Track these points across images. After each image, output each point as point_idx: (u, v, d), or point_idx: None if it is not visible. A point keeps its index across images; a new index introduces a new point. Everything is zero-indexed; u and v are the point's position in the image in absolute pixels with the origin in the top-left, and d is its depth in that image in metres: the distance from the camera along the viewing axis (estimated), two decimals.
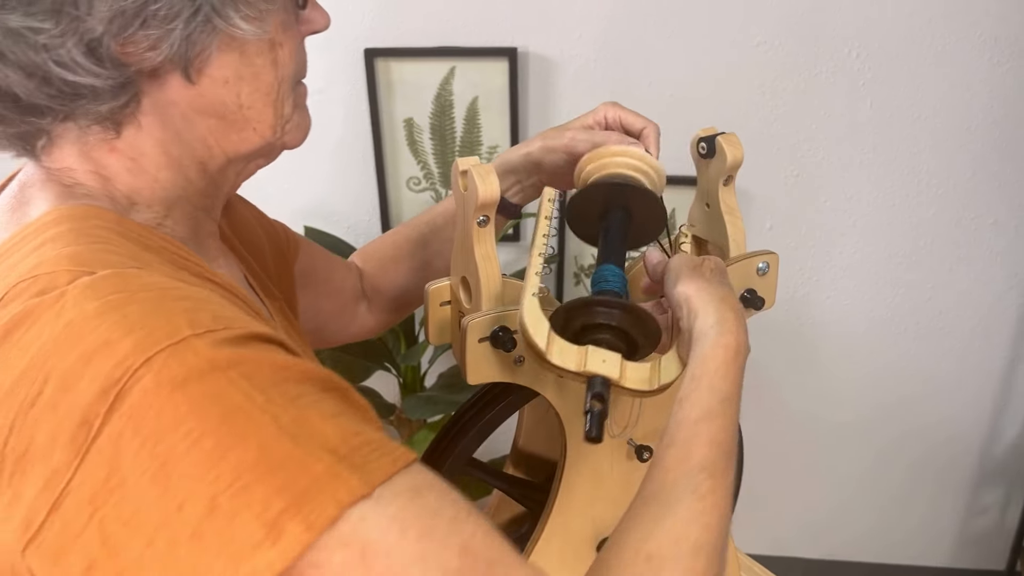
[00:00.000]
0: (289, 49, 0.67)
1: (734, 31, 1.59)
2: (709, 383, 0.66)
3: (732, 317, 0.69)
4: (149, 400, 0.47)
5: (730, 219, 0.91)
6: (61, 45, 0.56)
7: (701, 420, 0.64)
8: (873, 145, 1.67)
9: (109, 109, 0.60)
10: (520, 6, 1.60)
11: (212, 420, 0.47)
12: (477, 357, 0.80)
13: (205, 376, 0.48)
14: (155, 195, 0.65)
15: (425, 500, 0.50)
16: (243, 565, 0.45)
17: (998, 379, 1.89)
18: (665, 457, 0.63)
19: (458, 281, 0.85)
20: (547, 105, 1.69)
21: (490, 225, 0.79)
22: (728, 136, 0.89)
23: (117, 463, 0.47)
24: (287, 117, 0.69)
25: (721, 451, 0.62)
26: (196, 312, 0.51)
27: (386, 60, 1.67)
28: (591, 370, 0.70)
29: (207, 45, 0.61)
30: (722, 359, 0.67)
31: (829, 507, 2.10)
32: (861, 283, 1.81)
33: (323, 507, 0.46)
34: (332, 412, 0.51)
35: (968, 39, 1.56)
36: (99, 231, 0.58)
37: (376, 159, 1.76)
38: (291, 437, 0.48)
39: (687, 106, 1.65)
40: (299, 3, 0.68)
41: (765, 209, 1.75)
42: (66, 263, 0.53)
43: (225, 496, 0.46)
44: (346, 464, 0.48)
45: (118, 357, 0.48)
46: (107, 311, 0.50)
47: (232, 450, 0.47)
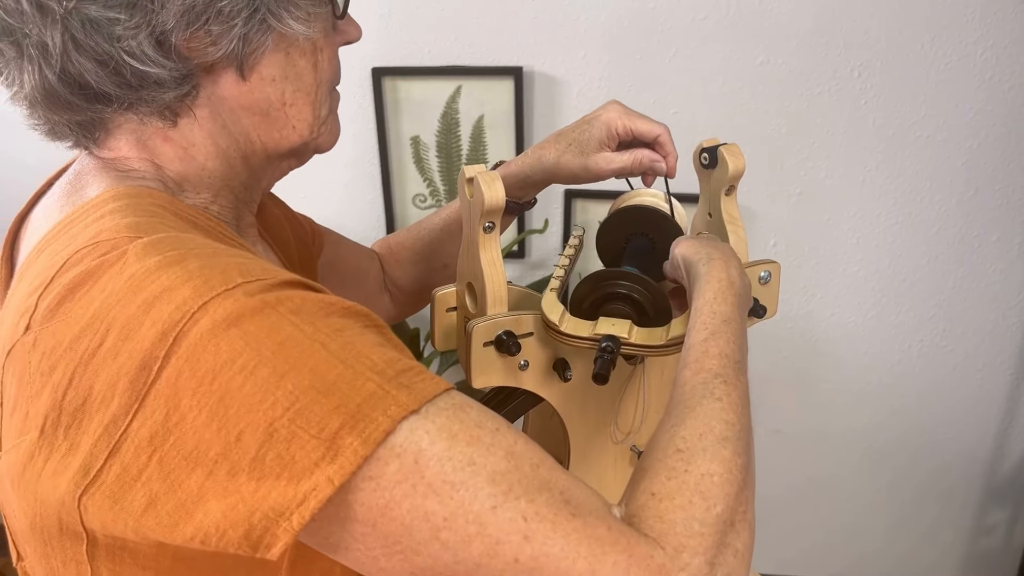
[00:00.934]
0: (328, 55, 0.72)
1: (737, 50, 1.61)
2: (709, 309, 0.71)
3: (718, 256, 0.76)
4: (206, 340, 0.50)
5: (732, 228, 0.92)
6: (134, 36, 0.60)
7: (708, 339, 0.68)
8: (876, 163, 1.68)
9: (173, 97, 0.64)
10: (526, 26, 1.63)
11: (266, 351, 0.50)
12: (482, 361, 0.81)
13: (257, 313, 0.51)
14: (203, 182, 0.69)
15: (468, 414, 0.53)
16: (304, 483, 0.49)
17: (1003, 396, 1.88)
18: (681, 375, 0.67)
19: (464, 287, 0.86)
20: (552, 123, 1.70)
21: (496, 231, 0.80)
22: (730, 146, 0.90)
23: (176, 402, 0.50)
24: (323, 119, 0.73)
25: (730, 361, 0.67)
26: (246, 264, 0.55)
27: (393, 79, 1.69)
28: (600, 332, 0.78)
29: (261, 43, 0.65)
30: (716, 289, 0.73)
31: (834, 526, 2.09)
32: (864, 300, 1.82)
33: (377, 422, 0.50)
34: (376, 342, 0.54)
35: (970, 57, 1.58)
36: (154, 207, 0.62)
37: (383, 176, 1.77)
38: (341, 361, 0.51)
39: (690, 125, 1.66)
40: (337, 14, 0.73)
41: (769, 226, 1.76)
42: (125, 230, 0.57)
43: (283, 421, 0.49)
44: (394, 384, 0.51)
45: (177, 302, 0.51)
46: (167, 265, 0.53)
47: (286, 376, 0.50)
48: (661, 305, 0.81)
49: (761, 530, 2.05)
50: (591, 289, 0.82)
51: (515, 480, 0.52)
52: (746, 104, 1.65)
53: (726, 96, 1.65)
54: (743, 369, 0.68)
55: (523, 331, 0.81)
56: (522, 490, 0.51)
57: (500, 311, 0.81)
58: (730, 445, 0.59)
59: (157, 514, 0.51)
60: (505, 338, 0.80)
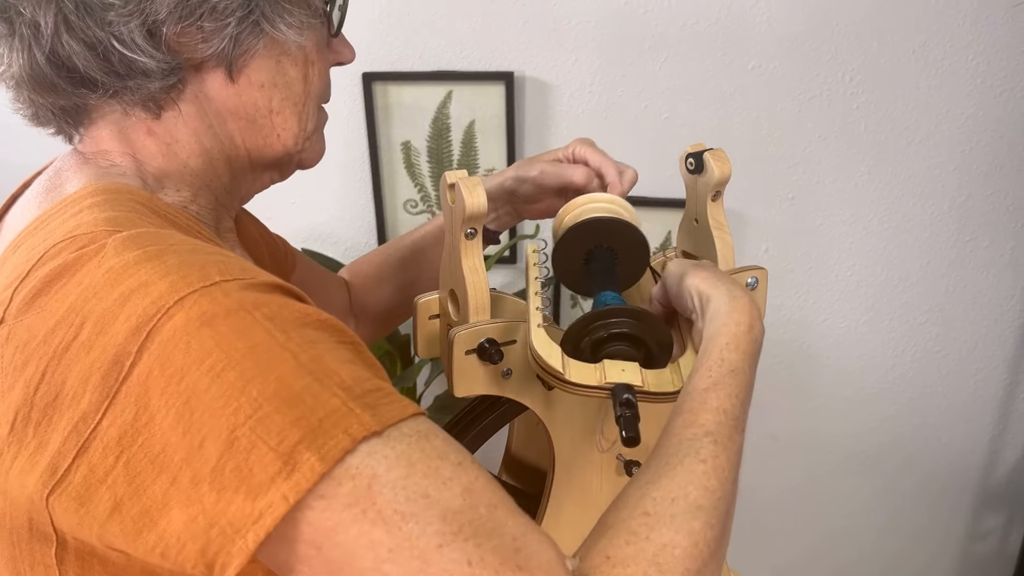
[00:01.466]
0: (319, 69, 0.72)
1: (728, 55, 1.60)
2: (719, 355, 0.67)
3: (743, 296, 0.71)
4: (178, 337, 0.49)
5: (719, 234, 0.92)
6: (125, 23, 0.60)
7: (709, 389, 0.64)
8: (868, 168, 1.67)
9: (158, 88, 0.64)
10: (517, 31, 1.62)
11: (236, 354, 0.49)
12: (464, 369, 0.80)
13: (232, 314, 0.51)
14: (183, 179, 0.69)
15: (432, 443, 0.52)
16: (260, 499, 0.47)
17: (997, 401, 1.88)
18: (672, 423, 0.64)
19: (446, 294, 0.85)
20: (543, 129, 1.70)
21: (478, 237, 0.79)
22: (715, 152, 0.89)
23: (146, 401, 0.49)
24: (308, 133, 0.74)
25: (727, 417, 0.63)
26: (226, 263, 0.55)
27: (384, 84, 1.68)
28: (612, 380, 0.71)
29: (252, 46, 0.66)
30: (732, 333, 0.68)
31: (828, 531, 2.08)
32: (857, 306, 1.81)
33: (336, 439, 0.48)
34: (347, 359, 0.53)
35: (962, 62, 1.57)
36: (132, 203, 0.62)
37: (374, 182, 1.77)
38: (309, 372, 0.50)
39: (682, 129, 1.66)
40: (332, 32, 0.73)
41: (761, 232, 1.75)
42: (104, 224, 0.57)
43: (244, 428, 0.48)
44: (359, 402, 0.50)
45: (153, 296, 0.51)
46: (146, 259, 0.53)
47: (252, 382, 0.49)
48: (664, 341, 0.76)
49: (754, 535, 2.05)
50: (590, 330, 0.75)
51: (467, 520, 0.50)
52: (737, 109, 1.64)
53: (717, 101, 1.64)
54: (740, 427, 0.64)
55: (506, 339, 0.80)
56: (472, 532, 0.49)
57: (482, 318, 0.81)
58: (703, 515, 0.55)
59: (122, 520, 0.50)
60: (488, 346, 0.79)
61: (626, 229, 0.83)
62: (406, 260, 1.08)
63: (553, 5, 1.59)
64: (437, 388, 1.85)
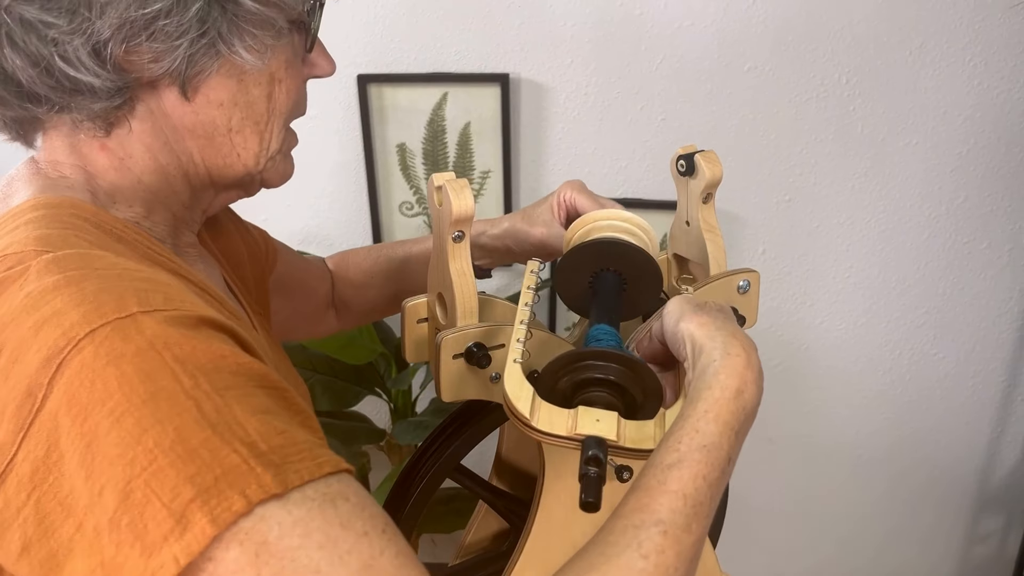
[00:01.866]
0: (287, 87, 0.69)
1: (724, 56, 1.59)
2: (693, 425, 0.58)
3: (741, 353, 0.62)
4: (85, 372, 0.47)
5: (710, 237, 0.91)
6: (69, 42, 0.58)
7: (672, 466, 0.56)
8: (865, 170, 1.67)
9: (102, 108, 0.62)
10: (512, 33, 1.61)
11: (136, 399, 0.47)
12: (451, 374, 0.79)
13: (140, 354, 0.48)
14: (137, 195, 0.67)
15: (337, 510, 0.48)
16: (153, 559, 0.45)
17: (996, 404, 1.87)
18: (625, 502, 0.56)
19: (434, 298, 0.85)
20: (539, 130, 1.69)
21: (465, 240, 0.79)
22: (707, 153, 0.89)
23: (56, 438, 0.47)
24: (271, 153, 0.70)
25: (687, 504, 0.54)
26: (149, 292, 0.52)
27: (379, 86, 1.68)
28: (583, 432, 0.63)
29: (208, 67, 0.63)
30: (715, 399, 0.59)
31: (826, 534, 2.07)
32: (854, 308, 1.80)
33: (230, 500, 0.45)
34: (261, 409, 0.50)
35: (959, 63, 1.56)
36: (73, 219, 0.60)
37: (369, 184, 1.76)
38: (211, 425, 0.47)
39: (678, 131, 1.65)
40: (307, 47, 0.70)
41: (757, 234, 1.75)
42: (34, 243, 0.55)
43: (139, 481, 0.45)
44: (262, 460, 0.47)
45: (65, 327, 0.48)
46: (64, 285, 0.51)
47: (149, 431, 0.46)
48: (652, 388, 0.68)
49: (751, 540, 2.04)
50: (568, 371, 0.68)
51: None
52: (734, 111, 1.64)
53: (713, 103, 1.63)
54: (703, 514, 0.55)
55: (494, 343, 0.79)
56: None
57: (470, 322, 0.80)
58: None
59: (30, 561, 0.47)
60: (475, 350, 0.78)
61: (637, 255, 0.76)
62: (396, 272, 1.06)
63: (549, 7, 1.58)
64: (432, 391, 1.84)
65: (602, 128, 1.67)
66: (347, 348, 1.64)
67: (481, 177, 1.74)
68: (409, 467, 0.93)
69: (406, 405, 1.78)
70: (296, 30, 0.68)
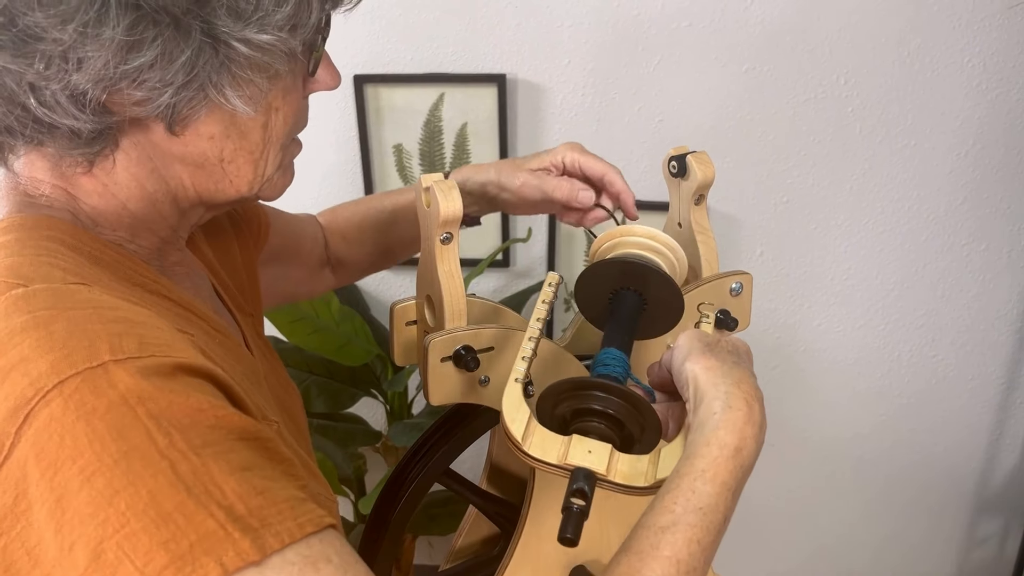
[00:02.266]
0: (285, 113, 0.65)
1: (722, 57, 1.59)
2: (690, 485, 0.56)
3: (742, 407, 0.59)
4: (54, 426, 0.45)
5: (702, 239, 0.91)
6: (46, 87, 0.55)
7: (666, 529, 0.55)
8: (863, 171, 1.66)
9: (82, 152, 0.59)
10: (509, 33, 1.61)
11: (108, 458, 0.45)
12: (440, 377, 0.79)
13: (112, 409, 0.46)
14: (121, 221, 0.64)
15: (318, 574, 0.47)
16: None
17: (994, 406, 1.86)
18: (617, 563, 0.55)
19: (423, 300, 0.84)
20: (536, 131, 1.69)
21: (454, 242, 0.78)
22: (698, 155, 0.88)
23: (24, 488, 0.45)
24: (266, 177, 0.67)
25: (680, 571, 0.53)
26: (123, 336, 0.49)
27: (375, 86, 1.67)
28: (573, 463, 0.62)
29: (196, 111, 0.59)
30: (714, 457, 0.57)
31: (824, 537, 2.07)
32: (852, 310, 1.80)
33: (205, 569, 0.44)
34: (241, 465, 0.48)
35: (957, 65, 1.56)
36: (47, 243, 0.57)
37: (365, 184, 1.76)
38: (186, 487, 0.45)
39: (676, 132, 1.64)
40: (309, 70, 0.66)
41: (755, 235, 1.74)
42: (4, 274, 0.53)
43: (111, 543, 0.44)
44: (240, 525, 0.45)
45: (32, 376, 0.46)
46: (32, 327, 0.49)
47: (121, 493, 0.44)
48: (651, 425, 0.67)
49: (749, 542, 2.03)
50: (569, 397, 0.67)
51: None
52: (731, 112, 1.63)
53: (711, 104, 1.63)
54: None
55: (483, 346, 0.79)
56: None
57: (459, 325, 0.79)
58: None
59: None
60: (464, 353, 0.78)
61: (659, 279, 0.74)
62: (385, 224, 1.04)
63: (546, 7, 1.58)
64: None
65: (599, 129, 1.67)
66: (343, 350, 1.64)
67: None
68: (399, 470, 0.93)
69: (402, 407, 1.78)
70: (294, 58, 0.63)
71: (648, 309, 0.76)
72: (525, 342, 0.73)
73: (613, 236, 0.79)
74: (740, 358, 0.66)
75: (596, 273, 0.76)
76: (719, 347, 0.65)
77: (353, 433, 1.73)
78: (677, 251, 0.78)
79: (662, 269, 0.76)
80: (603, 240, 0.80)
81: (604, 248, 0.80)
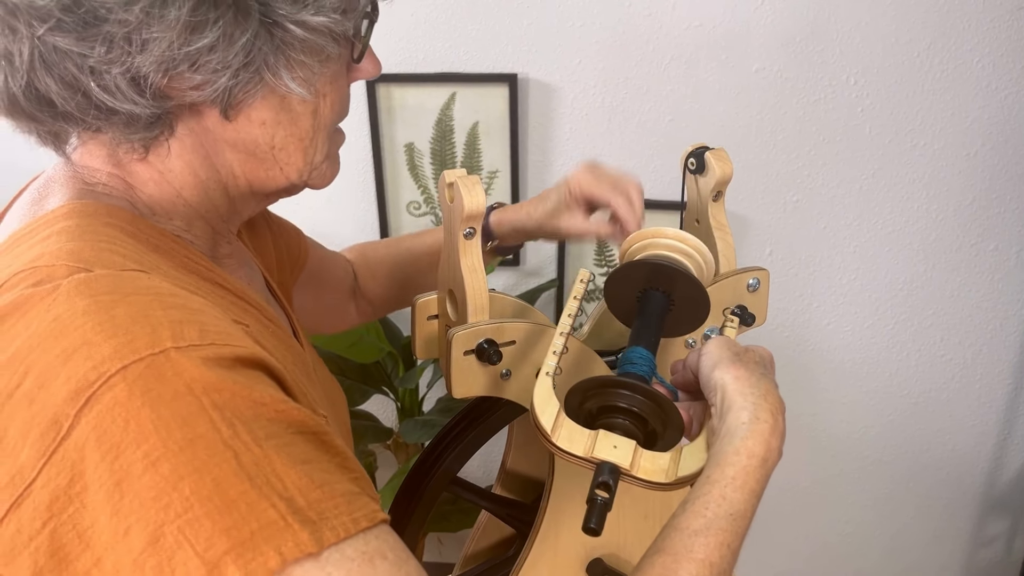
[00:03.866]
0: (332, 100, 0.67)
1: (732, 57, 1.60)
2: (721, 492, 0.60)
3: (769, 419, 0.62)
4: (118, 411, 0.46)
5: (720, 235, 0.91)
6: (107, 71, 0.56)
7: (699, 533, 0.58)
8: (873, 171, 1.67)
9: (140, 138, 0.61)
10: (520, 33, 1.62)
11: (173, 444, 0.46)
12: (462, 370, 0.79)
13: (178, 397, 0.47)
14: (176, 209, 0.65)
15: (375, 568, 0.48)
16: None
17: (1002, 406, 1.87)
18: (652, 564, 0.57)
19: (445, 294, 0.85)
20: (547, 130, 1.70)
21: (476, 237, 0.79)
22: (716, 151, 0.89)
23: (81, 469, 0.46)
24: (316, 165, 0.69)
25: (712, 573, 0.56)
26: (183, 324, 0.50)
27: (387, 85, 1.68)
28: (599, 456, 0.65)
29: (252, 94, 0.61)
30: (743, 466, 0.61)
31: (832, 536, 2.07)
32: (861, 309, 1.80)
33: (265, 556, 0.45)
34: (300, 459, 0.49)
35: (967, 65, 1.56)
36: (107, 228, 0.58)
37: (377, 183, 1.76)
38: (249, 478, 0.46)
39: (686, 132, 1.65)
40: (355, 58, 0.68)
41: (765, 235, 1.75)
42: (66, 258, 0.53)
43: (171, 527, 0.45)
44: (300, 517, 0.46)
45: (95, 360, 0.47)
46: (95, 311, 0.49)
47: (187, 479, 0.45)
48: (675, 424, 0.69)
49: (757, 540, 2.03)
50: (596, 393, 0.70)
51: None
52: (742, 111, 1.64)
53: (721, 103, 1.64)
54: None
55: (505, 339, 0.80)
56: None
57: (481, 319, 0.80)
58: None
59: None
60: (486, 347, 0.78)
61: (687, 281, 0.76)
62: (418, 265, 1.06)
63: (557, 7, 1.59)
64: (440, 391, 1.85)
65: (610, 128, 1.67)
66: (355, 347, 1.65)
67: (489, 177, 1.74)
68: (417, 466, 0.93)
69: (413, 404, 1.79)
70: (343, 42, 0.66)
71: (674, 309, 0.78)
72: (556, 337, 0.74)
73: (644, 237, 0.81)
74: (766, 369, 0.68)
75: (626, 274, 0.78)
76: (747, 357, 0.68)
77: (364, 430, 1.74)
78: (705, 254, 0.79)
79: (690, 271, 0.77)
80: (633, 240, 0.81)
81: (634, 248, 0.81)
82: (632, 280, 0.78)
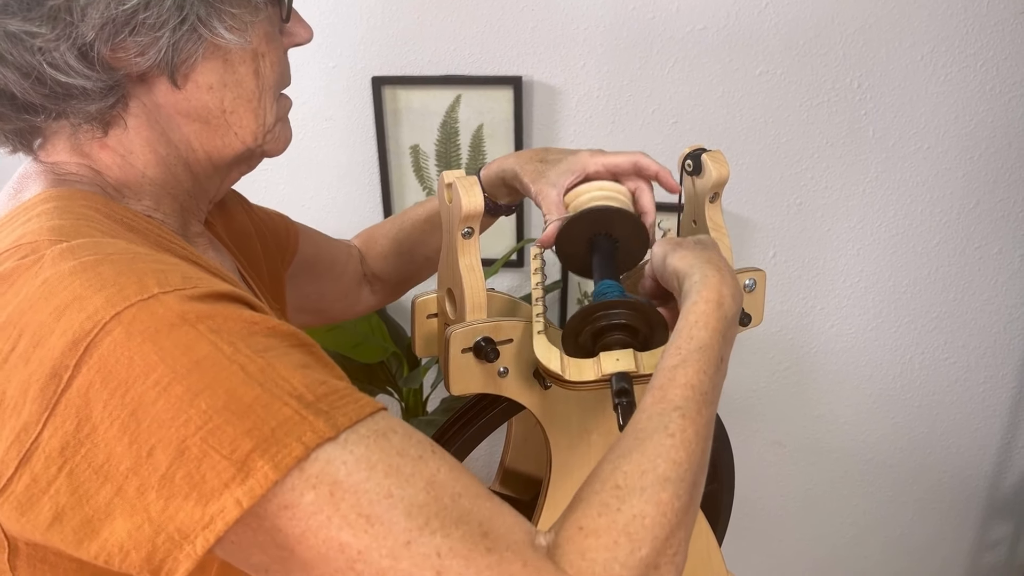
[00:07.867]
0: (271, 60, 0.71)
1: (736, 60, 1.60)
2: (688, 333, 0.68)
3: (713, 272, 0.72)
4: (119, 351, 0.49)
5: (717, 236, 0.92)
6: (55, 48, 0.60)
7: (678, 366, 0.66)
8: (876, 174, 1.67)
9: (97, 109, 0.64)
10: (525, 35, 1.63)
11: (182, 368, 0.49)
12: (460, 368, 0.81)
13: (175, 328, 0.51)
14: (143, 189, 0.69)
15: (390, 442, 0.53)
16: (212, 504, 0.48)
17: (1006, 410, 1.87)
18: (644, 401, 0.65)
19: (444, 293, 0.86)
20: (551, 132, 1.71)
21: (475, 237, 0.80)
22: (713, 153, 0.90)
23: (87, 413, 0.49)
24: (268, 126, 0.72)
25: (695, 392, 0.64)
26: (166, 272, 0.54)
27: (393, 88, 1.69)
28: (608, 372, 0.75)
29: (192, 52, 0.64)
30: (702, 311, 0.69)
31: (835, 539, 2.07)
32: (865, 312, 1.81)
33: (289, 447, 0.49)
34: (300, 364, 0.54)
35: (970, 68, 1.57)
36: (84, 209, 0.62)
37: (382, 185, 1.78)
38: (259, 383, 0.50)
39: (690, 134, 1.66)
40: (283, 17, 0.71)
41: (768, 238, 1.75)
42: (47, 233, 0.57)
43: (195, 439, 0.48)
44: (312, 409, 0.51)
45: (88, 311, 0.50)
46: (81, 270, 0.52)
47: (201, 395, 0.49)
48: (657, 322, 0.79)
49: (759, 543, 2.04)
50: (585, 324, 0.78)
51: (433, 513, 0.51)
52: (745, 114, 1.65)
53: (725, 106, 1.64)
54: (710, 400, 0.65)
55: (502, 337, 0.81)
56: (439, 524, 0.51)
57: (479, 317, 0.81)
58: (671, 487, 0.57)
59: (62, 530, 0.50)
60: (483, 344, 0.80)
61: (623, 216, 0.86)
62: (420, 231, 1.08)
63: (562, 10, 1.60)
64: (443, 391, 1.86)
65: (614, 131, 1.68)
66: (359, 347, 1.66)
67: None
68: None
69: (417, 404, 1.80)
70: (271, 3, 0.70)
71: (621, 244, 0.87)
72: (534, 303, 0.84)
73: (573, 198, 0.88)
74: (705, 244, 0.79)
75: (569, 230, 0.86)
76: (686, 241, 0.79)
77: None
78: (623, 190, 0.89)
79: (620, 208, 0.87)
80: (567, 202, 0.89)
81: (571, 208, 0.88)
82: (576, 235, 0.86)
